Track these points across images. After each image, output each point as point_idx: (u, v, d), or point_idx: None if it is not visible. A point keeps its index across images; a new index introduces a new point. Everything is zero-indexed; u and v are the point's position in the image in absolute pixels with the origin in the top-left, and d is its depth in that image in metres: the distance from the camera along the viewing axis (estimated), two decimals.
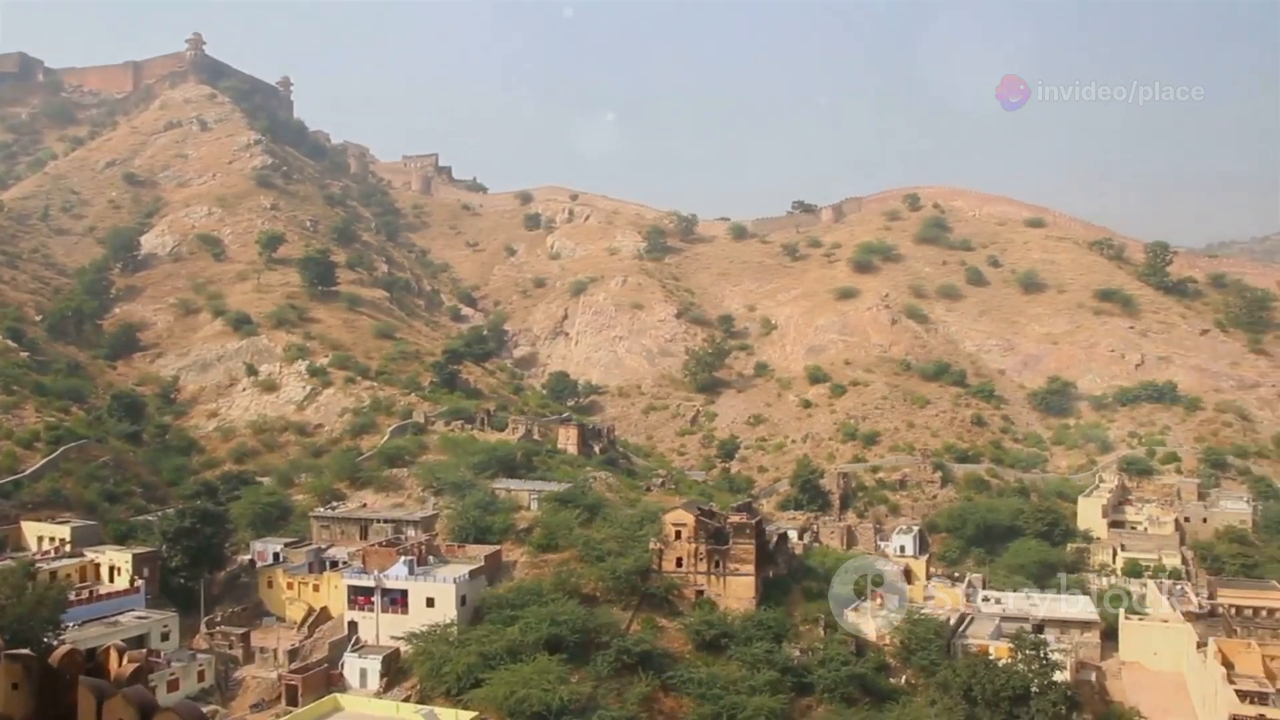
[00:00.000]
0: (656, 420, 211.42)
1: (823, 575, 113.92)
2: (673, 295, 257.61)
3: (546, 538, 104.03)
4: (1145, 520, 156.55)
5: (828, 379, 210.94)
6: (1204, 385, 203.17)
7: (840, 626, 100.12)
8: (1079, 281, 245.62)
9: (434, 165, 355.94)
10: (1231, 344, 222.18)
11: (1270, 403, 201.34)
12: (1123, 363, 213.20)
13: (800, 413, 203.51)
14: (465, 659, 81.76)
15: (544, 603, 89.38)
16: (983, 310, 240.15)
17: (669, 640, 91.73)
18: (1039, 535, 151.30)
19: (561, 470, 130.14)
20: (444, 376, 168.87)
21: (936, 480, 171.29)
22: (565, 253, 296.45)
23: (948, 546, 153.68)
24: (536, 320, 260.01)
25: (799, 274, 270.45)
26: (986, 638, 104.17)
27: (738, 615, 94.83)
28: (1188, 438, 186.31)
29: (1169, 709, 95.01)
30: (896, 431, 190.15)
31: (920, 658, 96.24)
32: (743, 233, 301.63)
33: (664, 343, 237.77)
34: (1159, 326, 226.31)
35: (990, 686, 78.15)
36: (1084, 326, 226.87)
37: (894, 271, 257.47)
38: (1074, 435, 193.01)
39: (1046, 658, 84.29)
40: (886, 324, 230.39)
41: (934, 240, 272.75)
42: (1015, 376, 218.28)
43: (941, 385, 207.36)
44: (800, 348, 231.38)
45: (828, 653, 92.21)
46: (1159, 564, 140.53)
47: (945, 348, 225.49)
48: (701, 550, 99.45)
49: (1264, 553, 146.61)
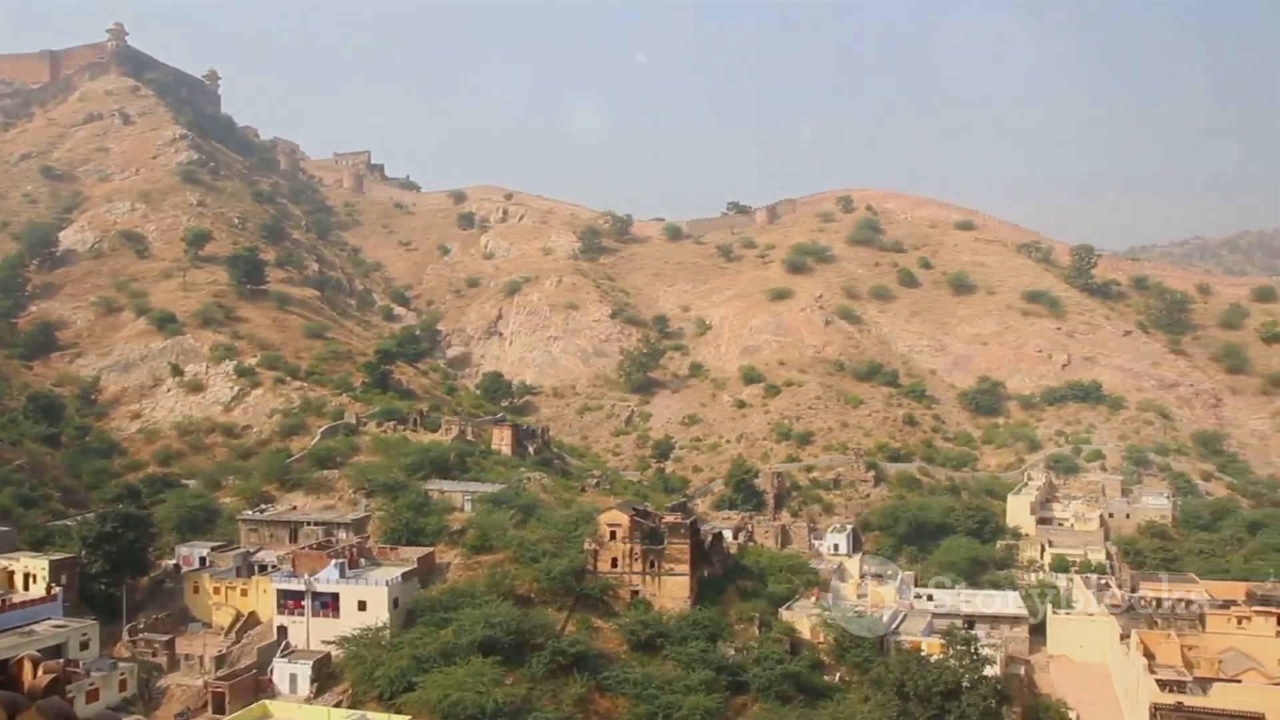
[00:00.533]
0: (591, 421, 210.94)
1: (757, 574, 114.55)
2: (607, 295, 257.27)
3: (480, 539, 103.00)
4: (1072, 517, 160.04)
5: (762, 379, 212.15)
6: (1127, 385, 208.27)
7: (775, 625, 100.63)
8: (1008, 283, 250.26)
9: (366, 163, 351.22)
10: (1153, 345, 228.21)
11: (1189, 401, 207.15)
12: (1050, 363, 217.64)
13: (735, 413, 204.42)
14: (398, 662, 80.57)
15: (478, 604, 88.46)
16: (914, 311, 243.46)
17: (604, 641, 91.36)
18: (970, 533, 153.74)
19: (496, 471, 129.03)
20: (376, 377, 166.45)
21: (869, 479, 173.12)
22: (499, 252, 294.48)
23: (880, 544, 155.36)
24: (470, 320, 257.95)
25: (733, 275, 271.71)
26: (919, 634, 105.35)
27: (673, 615, 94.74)
28: (1112, 436, 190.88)
29: (1094, 700, 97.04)
30: (830, 431, 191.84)
31: (854, 655, 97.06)
32: (678, 233, 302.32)
33: (599, 343, 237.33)
34: (1084, 327, 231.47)
35: (922, 682, 78.84)
36: (1013, 327, 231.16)
37: (827, 273, 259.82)
38: (1003, 434, 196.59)
39: (977, 653, 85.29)
40: (820, 325, 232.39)
41: (867, 242, 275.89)
42: (946, 376, 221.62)
43: (874, 385, 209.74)
44: (735, 348, 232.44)
45: (763, 651, 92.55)
46: (1085, 559, 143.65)
47: (878, 348, 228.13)
48: (636, 550, 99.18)
49: (1183, 546, 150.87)
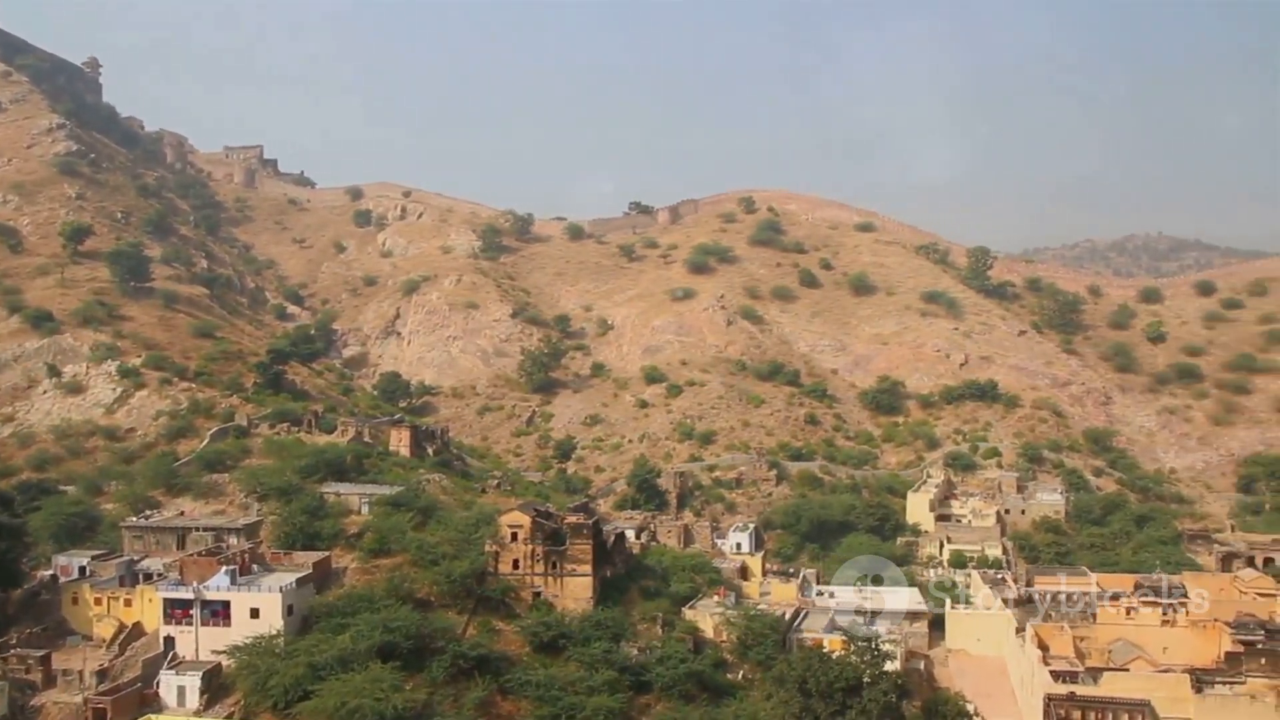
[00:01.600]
0: (492, 421, 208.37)
1: (660, 574, 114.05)
2: (508, 295, 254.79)
3: (378, 542, 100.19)
4: (969, 513, 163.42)
5: (664, 379, 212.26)
6: (1022, 384, 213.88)
7: (678, 624, 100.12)
8: (907, 284, 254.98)
9: (258, 157, 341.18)
10: (1046, 344, 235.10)
11: (1080, 400, 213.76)
12: (948, 362, 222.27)
13: (637, 413, 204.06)
14: (293, 671, 77.66)
15: (376, 609, 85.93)
16: (815, 311, 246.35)
17: (506, 643, 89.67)
18: (870, 530, 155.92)
19: (394, 473, 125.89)
20: (268, 377, 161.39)
21: (771, 478, 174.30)
22: (397, 251, 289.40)
23: (783, 543, 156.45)
24: (367, 319, 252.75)
25: (635, 275, 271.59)
26: (821, 631, 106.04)
27: (576, 616, 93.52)
28: (1008, 434, 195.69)
29: (991, 692, 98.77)
30: (732, 430, 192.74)
31: (757, 653, 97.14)
32: (579, 233, 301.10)
33: (499, 343, 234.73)
34: (981, 328, 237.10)
35: (824, 678, 79.06)
36: (912, 327, 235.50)
37: (729, 273, 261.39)
38: (903, 433, 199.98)
39: (877, 649, 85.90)
40: (722, 325, 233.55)
41: (768, 243, 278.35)
42: (847, 376, 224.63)
43: (776, 385, 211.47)
44: (637, 348, 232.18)
45: (666, 651, 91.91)
46: (982, 555, 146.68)
47: (779, 348, 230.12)
48: (538, 551, 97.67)
49: (1075, 541, 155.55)
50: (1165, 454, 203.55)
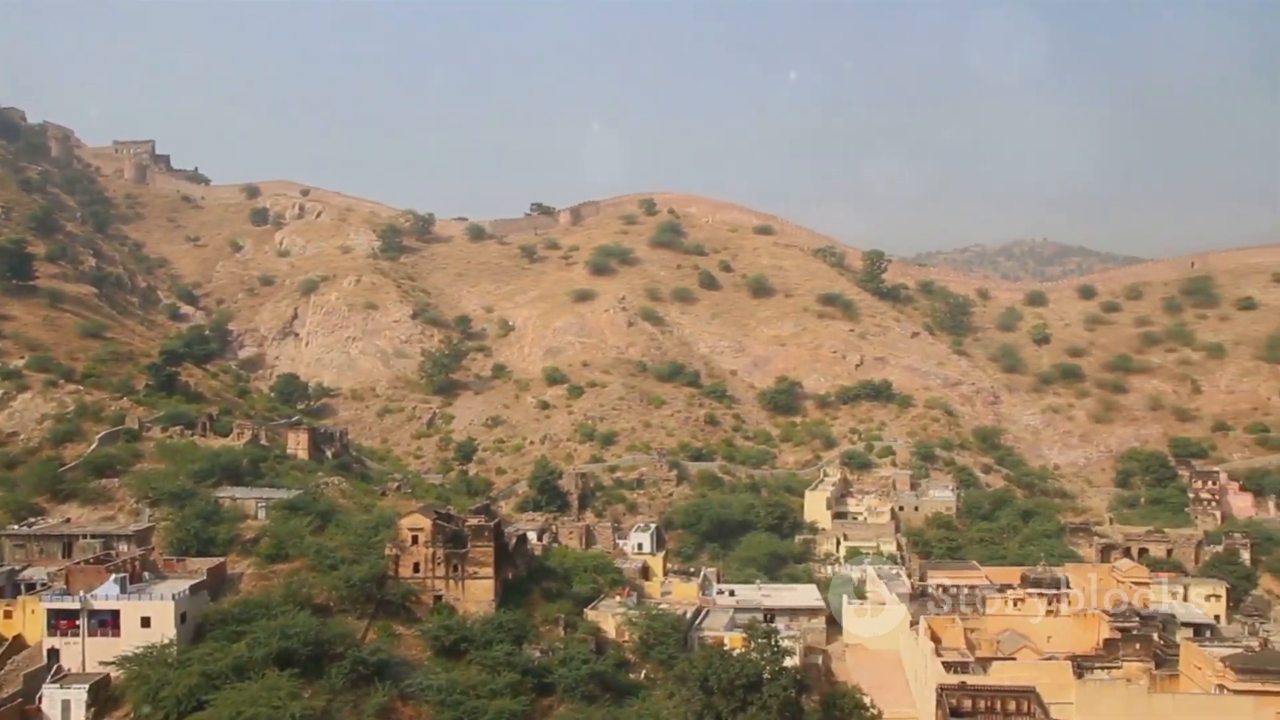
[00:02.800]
0: (392, 423, 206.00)
1: (562, 575, 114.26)
2: (409, 295, 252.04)
3: (275, 547, 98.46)
4: (865, 510, 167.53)
5: (566, 380, 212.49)
6: (915, 384, 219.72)
7: (580, 625, 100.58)
8: (804, 286, 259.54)
9: (150, 153, 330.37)
10: (938, 346, 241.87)
11: (970, 399, 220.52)
12: (844, 363, 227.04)
13: (538, 414, 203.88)
14: (186, 680, 75.86)
15: (273, 615, 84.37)
16: (715, 313, 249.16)
17: (407, 648, 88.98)
18: (769, 528, 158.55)
19: (291, 476, 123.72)
20: (161, 379, 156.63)
21: (672, 478, 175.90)
22: (295, 250, 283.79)
23: (684, 542, 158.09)
24: (264, 320, 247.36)
25: (537, 276, 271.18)
26: (721, 629, 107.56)
27: (477, 619, 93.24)
28: (901, 432, 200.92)
29: (886, 684, 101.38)
30: (633, 431, 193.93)
31: (659, 652, 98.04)
32: (480, 234, 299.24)
33: (399, 344, 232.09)
34: (876, 329, 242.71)
35: (725, 676, 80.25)
36: (809, 329, 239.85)
37: (630, 275, 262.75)
38: (801, 432, 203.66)
39: (777, 645, 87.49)
40: (623, 326, 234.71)
41: (669, 245, 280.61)
42: (746, 377, 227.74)
43: (676, 386, 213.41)
44: (538, 349, 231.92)
45: (568, 652, 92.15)
46: (877, 551, 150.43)
47: (680, 349, 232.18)
48: (439, 554, 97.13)
49: (966, 535, 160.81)
50: (1049, 451, 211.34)
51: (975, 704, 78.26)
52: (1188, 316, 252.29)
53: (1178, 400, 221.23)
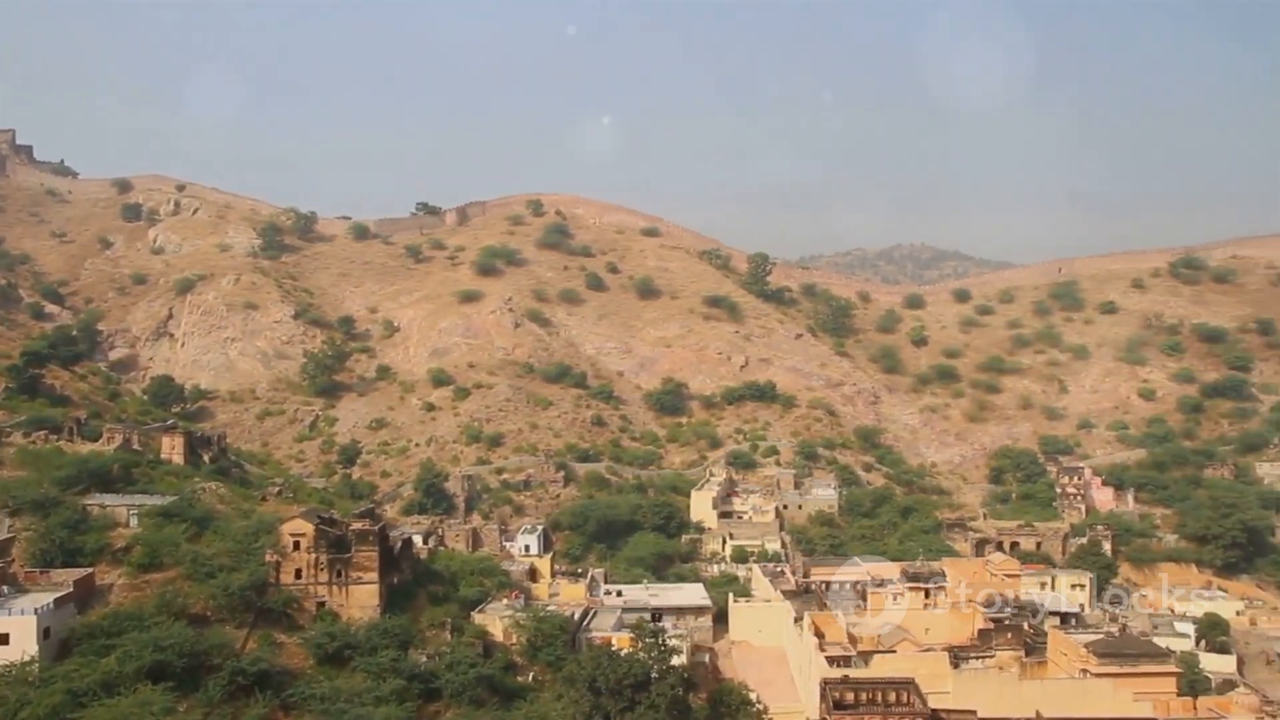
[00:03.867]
0: (273, 426, 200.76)
1: (449, 579, 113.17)
2: (290, 295, 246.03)
3: (148, 556, 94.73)
4: (750, 509, 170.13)
5: (451, 382, 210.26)
6: (798, 384, 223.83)
7: (467, 628, 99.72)
8: (690, 288, 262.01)
9: (10, 142, 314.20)
10: (820, 347, 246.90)
11: (852, 399, 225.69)
12: (729, 364, 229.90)
13: (424, 416, 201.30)
14: (49, 699, 72.33)
15: (145, 627, 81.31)
16: (602, 315, 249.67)
17: (288, 657, 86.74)
18: (656, 528, 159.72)
19: (166, 482, 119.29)
20: (23, 382, 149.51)
21: (559, 479, 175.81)
22: (170, 247, 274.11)
23: (571, 543, 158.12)
24: (137, 320, 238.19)
25: (422, 276, 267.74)
26: (609, 629, 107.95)
27: (362, 625, 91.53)
28: (785, 432, 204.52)
29: (772, 680, 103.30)
30: (520, 433, 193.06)
31: (546, 654, 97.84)
32: (365, 233, 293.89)
33: (280, 345, 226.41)
34: (760, 331, 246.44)
35: (613, 676, 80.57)
36: (695, 330, 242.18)
37: (517, 275, 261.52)
38: (686, 433, 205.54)
39: (664, 644, 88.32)
40: (510, 327, 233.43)
41: (556, 246, 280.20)
42: (633, 378, 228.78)
43: (563, 387, 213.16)
44: (424, 350, 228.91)
45: (455, 656, 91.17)
46: (762, 549, 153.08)
47: (567, 350, 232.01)
48: (322, 560, 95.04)
49: (847, 532, 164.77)
50: (927, 449, 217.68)
51: (857, 696, 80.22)
52: (1055, 320, 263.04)
53: (1046, 399, 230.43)
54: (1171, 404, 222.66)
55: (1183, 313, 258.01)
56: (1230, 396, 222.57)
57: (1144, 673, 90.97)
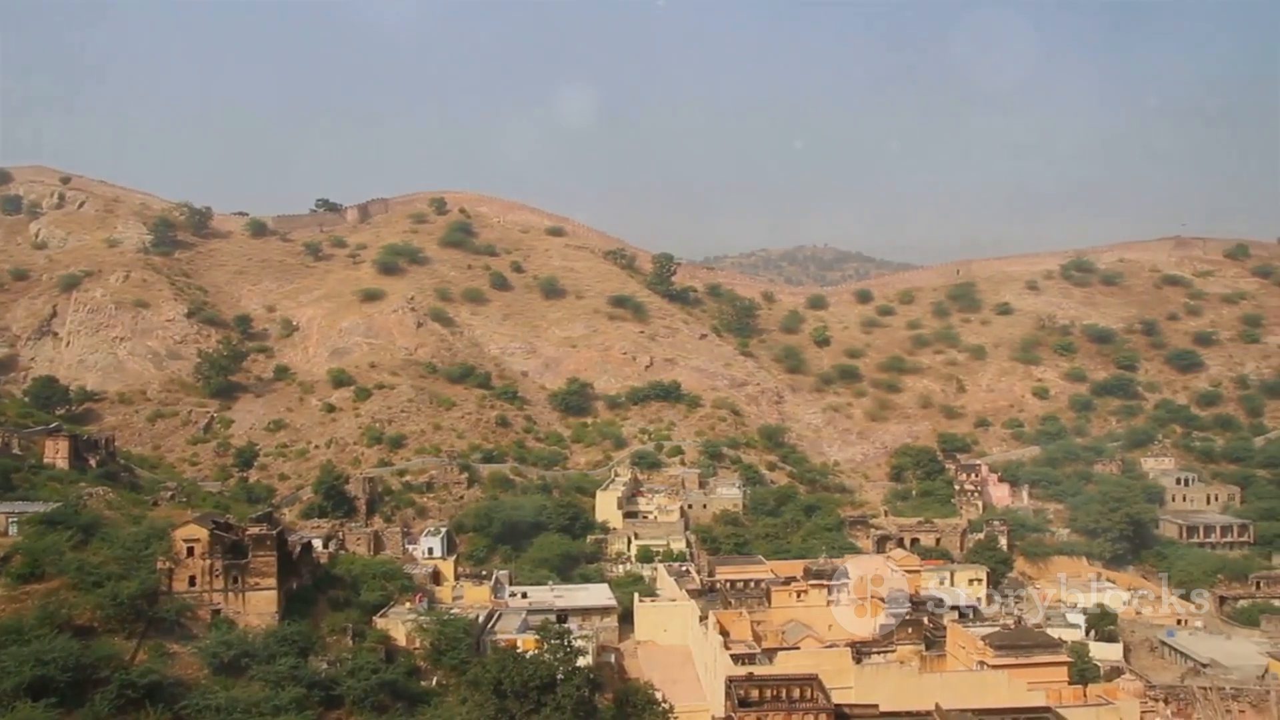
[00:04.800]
0: (165, 428, 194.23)
1: (350, 583, 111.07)
2: (183, 293, 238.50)
3: (30, 566, 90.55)
4: (655, 509, 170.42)
5: (352, 382, 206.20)
6: (703, 384, 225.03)
7: (369, 633, 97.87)
8: (595, 288, 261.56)
9: None
10: (725, 347, 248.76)
11: (756, 399, 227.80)
12: (634, 364, 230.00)
13: (324, 417, 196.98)
14: None
15: (26, 641, 77.59)
16: (506, 314, 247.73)
17: (182, 667, 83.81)
18: (561, 529, 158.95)
19: (49, 488, 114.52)
20: None
21: (463, 481, 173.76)
22: (54, 242, 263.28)
23: (475, 545, 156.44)
24: (17, 318, 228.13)
25: (322, 274, 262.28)
26: (514, 632, 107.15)
27: (259, 632, 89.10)
28: (690, 432, 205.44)
29: (678, 679, 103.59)
30: (423, 434, 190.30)
31: (451, 657, 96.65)
32: (262, 229, 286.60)
33: (173, 344, 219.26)
34: (665, 331, 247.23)
35: (518, 678, 79.88)
36: (600, 331, 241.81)
37: (420, 275, 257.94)
38: (592, 433, 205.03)
39: (570, 645, 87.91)
40: (412, 327, 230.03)
41: (460, 245, 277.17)
42: (537, 378, 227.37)
43: (467, 387, 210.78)
44: (323, 350, 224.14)
45: (357, 662, 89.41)
46: (667, 549, 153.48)
47: (470, 350, 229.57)
48: (217, 566, 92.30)
49: (752, 531, 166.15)
50: (830, 448, 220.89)
51: (762, 693, 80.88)
52: (954, 320, 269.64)
53: (945, 398, 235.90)
54: (1064, 402, 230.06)
55: (1074, 314, 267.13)
56: (1118, 395, 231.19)
57: (1037, 663, 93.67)
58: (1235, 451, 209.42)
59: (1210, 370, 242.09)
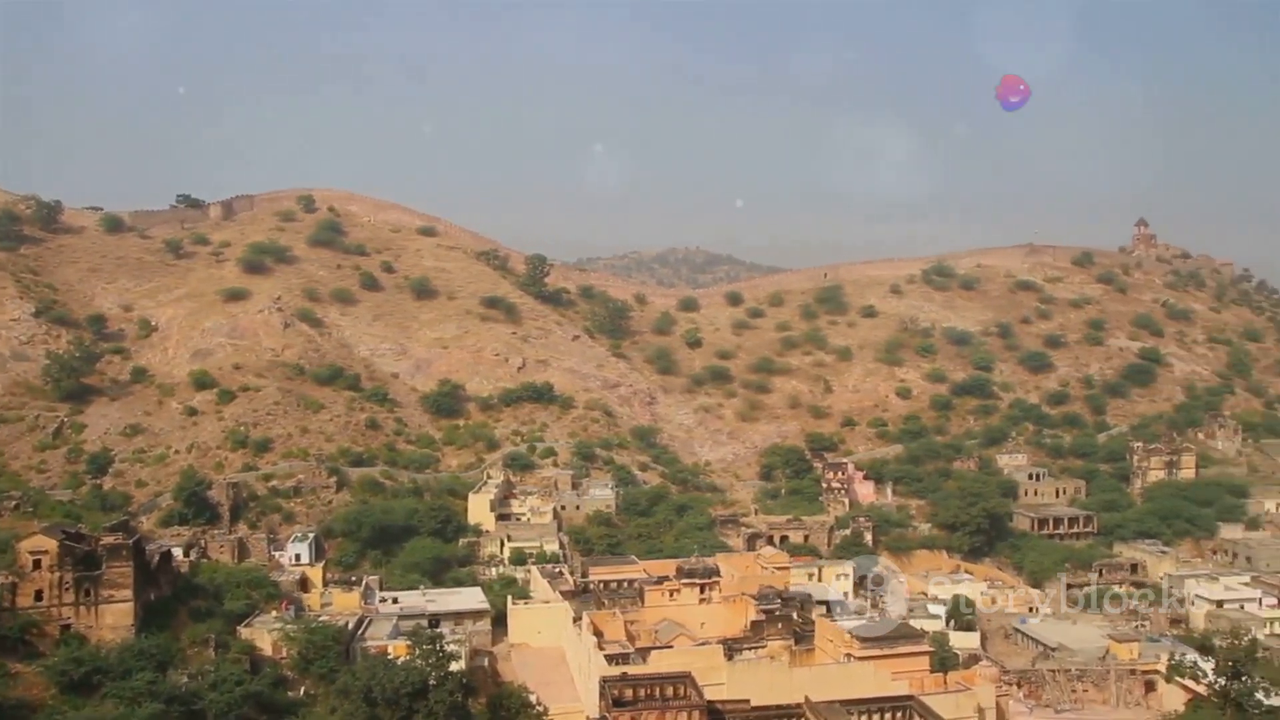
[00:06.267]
0: (9, 434, 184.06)
1: (213, 593, 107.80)
2: (30, 291, 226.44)
3: None
4: (528, 511, 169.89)
5: (215, 384, 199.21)
6: (576, 386, 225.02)
7: (234, 644, 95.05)
8: (468, 289, 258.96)
9: None
10: (597, 349, 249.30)
11: (628, 400, 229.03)
12: (506, 366, 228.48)
13: (185, 421, 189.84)
14: None
15: None
16: (377, 315, 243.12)
17: (26, 688, 79.91)
18: (433, 533, 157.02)
19: None
20: None
21: (332, 485, 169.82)
22: None
23: (344, 551, 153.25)
24: None
25: (184, 273, 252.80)
26: (385, 638, 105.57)
27: (114, 647, 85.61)
28: (563, 433, 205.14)
29: (552, 680, 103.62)
30: (290, 437, 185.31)
31: (319, 666, 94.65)
32: (118, 225, 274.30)
33: (19, 345, 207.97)
34: (538, 332, 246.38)
35: (389, 685, 78.87)
36: (472, 332, 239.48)
37: (287, 274, 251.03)
38: (464, 435, 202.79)
39: (442, 650, 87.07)
40: (279, 327, 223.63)
41: (329, 244, 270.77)
42: (408, 380, 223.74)
43: (336, 389, 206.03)
44: (184, 351, 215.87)
45: (220, 674, 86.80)
46: (541, 550, 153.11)
47: (339, 352, 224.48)
48: (67, 579, 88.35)
49: (625, 532, 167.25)
50: (701, 448, 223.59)
51: (636, 693, 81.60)
52: (821, 322, 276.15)
53: (813, 399, 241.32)
54: (925, 402, 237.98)
55: (935, 317, 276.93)
56: (975, 394, 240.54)
57: (901, 653, 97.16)
58: (1081, 447, 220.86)
59: (1059, 371, 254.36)
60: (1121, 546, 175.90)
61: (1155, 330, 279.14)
